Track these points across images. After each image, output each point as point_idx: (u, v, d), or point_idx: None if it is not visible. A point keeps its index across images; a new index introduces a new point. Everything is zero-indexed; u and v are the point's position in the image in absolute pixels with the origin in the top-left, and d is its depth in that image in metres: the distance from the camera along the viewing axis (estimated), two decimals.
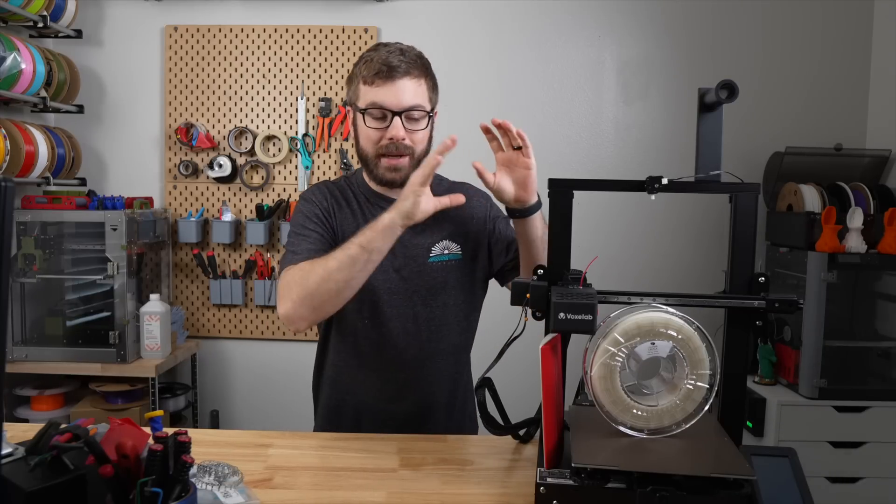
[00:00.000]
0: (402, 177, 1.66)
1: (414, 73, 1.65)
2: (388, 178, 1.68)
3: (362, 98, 1.65)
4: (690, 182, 1.30)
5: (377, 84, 1.62)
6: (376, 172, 1.69)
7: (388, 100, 1.62)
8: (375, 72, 1.62)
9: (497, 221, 1.83)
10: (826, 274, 2.75)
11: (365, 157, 1.70)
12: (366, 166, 1.72)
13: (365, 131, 1.67)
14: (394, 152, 1.65)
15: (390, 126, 1.63)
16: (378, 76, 1.62)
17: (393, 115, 1.63)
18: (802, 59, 3.40)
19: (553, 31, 3.43)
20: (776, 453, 1.24)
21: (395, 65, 1.62)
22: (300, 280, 1.56)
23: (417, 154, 1.69)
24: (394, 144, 1.64)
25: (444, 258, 1.77)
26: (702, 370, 1.20)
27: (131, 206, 3.12)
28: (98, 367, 3.00)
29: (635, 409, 1.22)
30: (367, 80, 1.63)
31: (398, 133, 1.63)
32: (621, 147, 3.46)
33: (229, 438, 1.64)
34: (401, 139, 1.64)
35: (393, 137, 1.63)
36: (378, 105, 1.62)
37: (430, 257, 1.75)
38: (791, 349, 2.90)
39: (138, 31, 3.46)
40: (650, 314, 1.21)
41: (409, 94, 1.64)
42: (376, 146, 1.66)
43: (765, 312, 1.25)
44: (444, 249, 1.77)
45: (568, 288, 1.23)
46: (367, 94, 1.64)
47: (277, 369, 3.52)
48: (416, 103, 1.65)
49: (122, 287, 2.99)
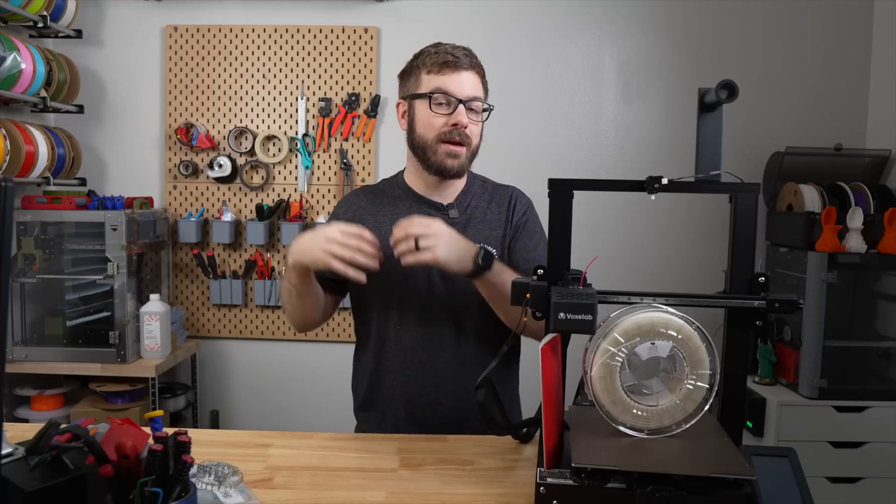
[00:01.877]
0: (459, 165, 1.72)
1: (476, 70, 1.74)
2: (446, 164, 1.70)
3: (425, 85, 1.70)
4: (690, 182, 1.30)
5: (444, 73, 1.68)
6: (434, 159, 1.71)
7: (454, 87, 1.68)
8: (443, 61, 1.68)
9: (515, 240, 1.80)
10: (826, 274, 2.75)
11: (423, 144, 1.71)
12: (421, 154, 1.73)
13: (427, 117, 1.70)
14: (455, 139, 1.69)
15: (455, 112, 1.68)
16: (446, 65, 1.68)
17: (458, 103, 1.68)
18: (802, 59, 3.40)
19: (553, 31, 3.43)
20: (776, 453, 1.24)
21: (460, 57, 1.70)
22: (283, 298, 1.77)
23: (473, 147, 1.74)
24: (456, 131, 1.68)
25: None
26: (702, 370, 1.20)
27: (131, 206, 3.12)
28: (98, 367, 3.00)
29: (635, 409, 1.22)
30: (431, 70, 1.69)
31: (463, 119, 1.68)
32: (621, 147, 3.46)
33: (229, 438, 1.64)
34: (464, 126, 1.68)
35: (457, 123, 1.68)
36: (444, 90, 1.67)
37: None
38: (791, 349, 2.90)
39: (138, 31, 3.46)
40: (650, 314, 1.21)
41: (472, 86, 1.71)
42: (438, 131, 1.69)
43: (765, 312, 1.25)
44: None
45: (568, 288, 1.23)
46: (432, 81, 1.69)
47: (277, 369, 3.52)
48: (478, 95, 1.72)
49: (122, 287, 2.99)
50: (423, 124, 1.71)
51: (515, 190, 1.89)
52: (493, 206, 1.83)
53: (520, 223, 1.82)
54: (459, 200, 1.81)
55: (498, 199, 1.85)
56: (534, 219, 1.86)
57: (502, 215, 1.82)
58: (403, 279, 1.72)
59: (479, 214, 1.81)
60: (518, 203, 1.85)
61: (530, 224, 1.83)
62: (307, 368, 3.48)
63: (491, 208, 1.83)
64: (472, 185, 1.85)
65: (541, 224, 1.86)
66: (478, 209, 1.82)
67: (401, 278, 1.72)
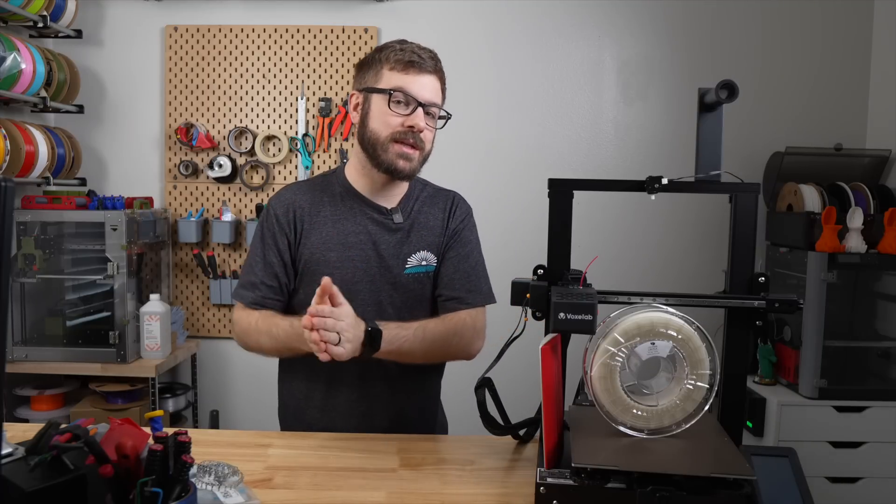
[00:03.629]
0: (411, 168, 1.67)
1: (438, 76, 1.69)
2: (397, 164, 1.65)
3: (386, 81, 1.65)
4: (690, 182, 1.30)
5: (408, 72, 1.64)
6: (384, 157, 1.65)
7: (415, 89, 1.64)
8: (408, 60, 1.64)
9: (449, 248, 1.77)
10: (826, 274, 2.75)
11: (374, 141, 1.66)
12: (371, 151, 1.67)
13: (383, 114, 1.64)
14: (409, 141, 1.64)
15: (413, 114, 1.63)
16: (410, 65, 1.64)
17: (417, 105, 1.63)
18: (802, 59, 3.40)
19: (553, 31, 3.43)
20: (776, 453, 1.24)
21: (425, 59, 1.65)
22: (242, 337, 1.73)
23: (425, 153, 1.70)
24: (411, 133, 1.64)
25: (421, 270, 1.74)
26: (702, 370, 1.20)
27: (131, 206, 3.11)
28: (98, 367, 3.00)
29: (635, 409, 1.22)
30: (395, 67, 1.64)
31: (420, 122, 1.64)
32: (621, 147, 3.46)
33: (229, 438, 1.64)
34: (420, 130, 1.64)
35: (414, 126, 1.63)
36: (405, 91, 1.63)
37: (406, 268, 1.72)
38: (791, 349, 2.90)
39: (138, 31, 3.46)
40: (650, 314, 1.21)
41: (433, 91, 1.67)
42: (392, 130, 1.64)
43: (765, 312, 1.25)
44: (421, 261, 1.74)
45: (568, 288, 1.23)
46: (394, 78, 1.64)
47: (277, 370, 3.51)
48: (437, 101, 1.68)
49: (122, 287, 2.99)
50: (378, 121, 1.65)
51: (457, 196, 1.85)
52: (434, 210, 1.79)
53: (456, 230, 1.78)
54: (403, 204, 1.76)
55: (440, 204, 1.80)
56: (470, 227, 1.82)
57: (442, 221, 1.78)
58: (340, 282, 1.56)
59: (423, 220, 1.77)
60: (458, 209, 1.81)
61: (466, 232, 1.80)
62: None
63: (433, 213, 1.78)
64: (414, 189, 1.80)
65: (477, 234, 1.83)
66: (421, 214, 1.77)
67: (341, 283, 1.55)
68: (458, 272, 1.74)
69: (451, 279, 1.74)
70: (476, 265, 1.79)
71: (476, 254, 1.80)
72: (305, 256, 1.71)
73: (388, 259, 1.71)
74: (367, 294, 1.70)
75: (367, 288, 1.70)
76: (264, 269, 1.71)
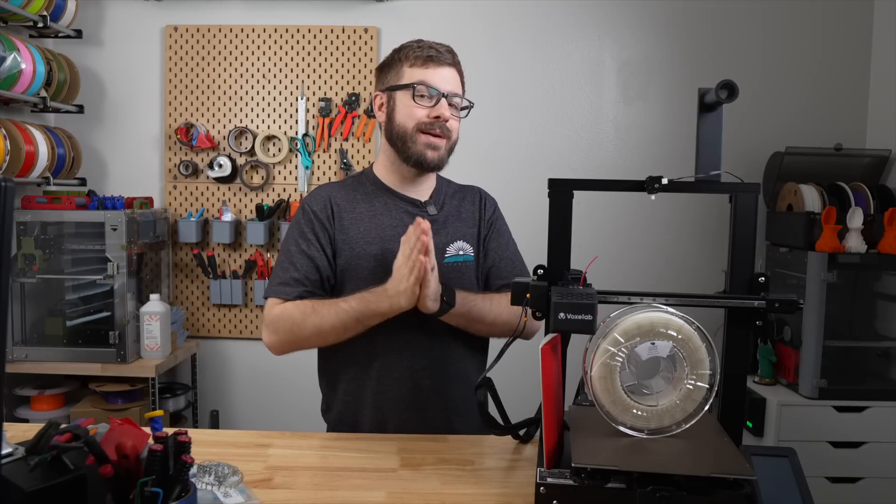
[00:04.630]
0: (439, 157, 1.73)
1: (457, 68, 1.77)
2: (426, 155, 1.71)
3: (408, 78, 1.72)
4: (690, 182, 1.30)
5: (427, 66, 1.71)
6: (413, 149, 1.71)
7: (437, 81, 1.71)
8: (427, 55, 1.71)
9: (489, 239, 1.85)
10: (826, 274, 2.75)
11: (402, 134, 1.72)
12: (400, 145, 1.73)
13: (408, 108, 1.71)
14: (436, 131, 1.70)
15: (437, 105, 1.70)
16: (430, 59, 1.71)
17: (441, 96, 1.70)
18: (802, 58, 3.40)
19: (553, 31, 3.43)
20: (776, 453, 1.24)
21: (442, 52, 1.73)
22: (290, 328, 1.67)
23: (452, 141, 1.76)
24: (437, 123, 1.70)
25: (460, 259, 1.78)
26: (702, 370, 1.20)
27: (131, 206, 3.12)
28: (98, 367, 3.00)
29: (635, 409, 1.22)
30: (414, 63, 1.71)
31: (445, 112, 1.70)
32: (621, 147, 3.46)
33: (229, 438, 1.64)
34: (446, 119, 1.70)
35: (440, 116, 1.70)
36: (427, 83, 1.70)
37: (446, 258, 1.76)
38: (791, 349, 2.90)
39: (138, 31, 3.46)
40: (650, 314, 1.21)
41: (453, 82, 1.74)
42: (418, 121, 1.70)
43: (765, 312, 1.25)
44: (458, 250, 1.78)
45: (568, 288, 1.23)
46: (415, 74, 1.71)
47: (277, 369, 3.51)
48: (458, 91, 1.75)
49: (122, 287, 2.99)
50: (404, 114, 1.72)
51: (482, 189, 1.93)
52: (465, 203, 1.86)
53: (491, 221, 1.87)
54: (434, 198, 1.83)
55: (469, 197, 1.88)
56: (501, 217, 1.92)
57: (475, 213, 1.86)
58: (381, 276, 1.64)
59: (455, 212, 1.84)
60: (487, 201, 1.90)
61: (499, 223, 1.89)
62: (307, 368, 3.46)
63: (464, 206, 1.86)
64: (441, 184, 1.88)
65: (506, 221, 1.93)
66: (453, 206, 1.84)
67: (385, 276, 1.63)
68: (503, 260, 1.84)
69: (499, 268, 1.83)
70: (516, 251, 1.90)
71: (513, 241, 1.91)
72: (346, 253, 1.73)
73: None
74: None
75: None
76: (307, 264, 1.71)
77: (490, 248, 1.84)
